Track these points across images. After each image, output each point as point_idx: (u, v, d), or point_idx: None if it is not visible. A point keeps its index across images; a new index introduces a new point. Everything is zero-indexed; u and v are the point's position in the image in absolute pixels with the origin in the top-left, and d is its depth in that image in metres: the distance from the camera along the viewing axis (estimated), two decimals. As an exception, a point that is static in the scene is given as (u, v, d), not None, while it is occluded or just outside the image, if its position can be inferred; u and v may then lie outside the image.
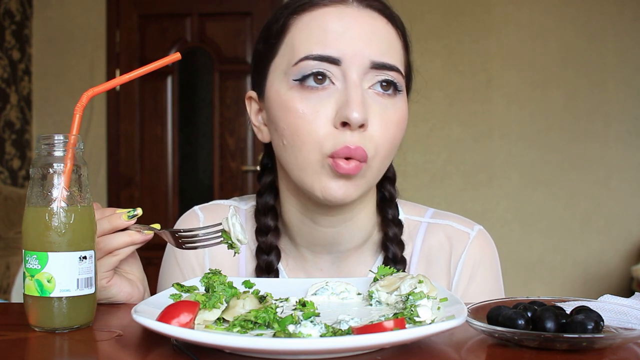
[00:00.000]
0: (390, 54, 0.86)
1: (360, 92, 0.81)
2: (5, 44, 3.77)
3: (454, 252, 0.95)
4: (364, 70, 0.83)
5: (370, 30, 0.85)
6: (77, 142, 0.71)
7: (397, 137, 0.86)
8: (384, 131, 0.83)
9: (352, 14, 0.85)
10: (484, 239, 0.97)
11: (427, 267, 0.95)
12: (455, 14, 3.73)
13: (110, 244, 0.78)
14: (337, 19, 0.84)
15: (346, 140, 0.80)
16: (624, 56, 3.66)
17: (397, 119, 0.85)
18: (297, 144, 0.83)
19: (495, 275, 0.97)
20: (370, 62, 0.83)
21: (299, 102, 0.83)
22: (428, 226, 0.98)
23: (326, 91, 0.83)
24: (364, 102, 0.81)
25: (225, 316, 0.67)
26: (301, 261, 0.95)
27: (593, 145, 3.67)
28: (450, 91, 3.69)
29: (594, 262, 3.68)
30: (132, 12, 3.94)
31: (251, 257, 0.97)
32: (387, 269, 0.79)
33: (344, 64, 0.82)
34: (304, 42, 0.84)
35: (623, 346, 0.60)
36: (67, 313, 0.69)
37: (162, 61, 0.80)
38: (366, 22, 0.85)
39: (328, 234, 0.92)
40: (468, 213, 1.06)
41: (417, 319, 0.65)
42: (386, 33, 0.86)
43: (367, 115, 0.81)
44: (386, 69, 0.84)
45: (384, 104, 0.84)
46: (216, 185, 3.89)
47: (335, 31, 0.83)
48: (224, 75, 3.89)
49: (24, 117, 3.94)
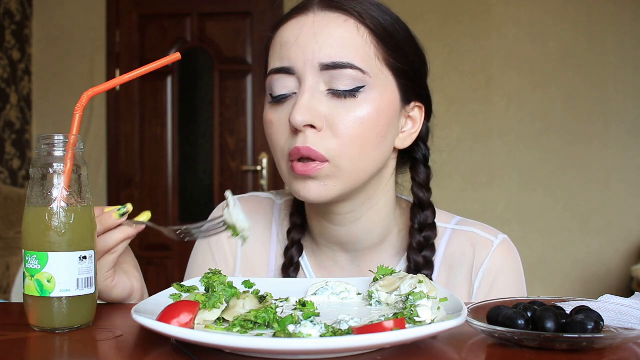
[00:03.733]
0: (344, 52, 0.85)
1: (307, 96, 0.84)
2: (5, 44, 3.77)
3: (477, 259, 0.95)
4: (316, 73, 0.85)
5: (320, 33, 0.85)
6: (77, 142, 0.71)
7: (367, 136, 0.85)
8: (346, 131, 0.84)
9: (307, 21, 0.87)
10: (508, 248, 0.97)
11: (450, 272, 0.96)
12: (455, 14, 3.73)
13: (106, 244, 0.79)
14: (292, 30, 0.87)
15: (297, 142, 0.84)
16: (624, 56, 3.66)
17: (360, 117, 0.85)
18: (273, 153, 0.90)
19: (517, 283, 0.97)
20: (320, 65, 0.84)
21: (271, 114, 0.89)
22: (452, 232, 0.98)
23: (288, 100, 0.87)
24: (312, 105, 0.84)
25: (225, 316, 0.67)
26: (324, 259, 0.99)
27: (593, 145, 3.67)
28: (450, 91, 3.68)
29: (594, 262, 3.68)
30: (132, 12, 3.94)
31: (281, 254, 1.01)
32: (387, 269, 0.79)
33: (297, 71, 0.86)
34: (271, 59, 0.90)
35: (623, 346, 0.60)
36: (67, 313, 0.69)
37: (162, 61, 0.80)
38: (318, 25, 0.86)
39: (341, 232, 0.95)
40: (468, 213, 1.06)
41: (417, 319, 0.65)
42: (342, 31, 0.86)
43: (315, 117, 0.83)
44: (338, 68, 0.84)
45: (343, 104, 0.85)
46: (216, 185, 3.89)
47: (288, 42, 0.87)
48: (224, 75, 3.89)
49: (24, 117, 3.94)
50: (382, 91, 0.87)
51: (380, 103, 0.86)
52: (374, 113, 0.85)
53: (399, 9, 0.93)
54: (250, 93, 3.89)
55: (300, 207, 1.00)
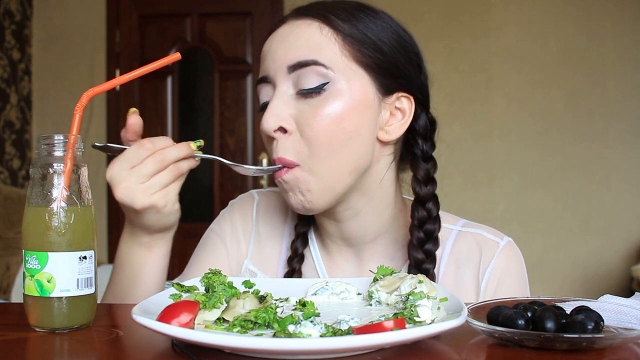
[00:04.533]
0: (306, 50, 0.86)
1: (276, 102, 0.87)
2: (5, 44, 3.77)
3: (483, 259, 0.96)
4: (284, 77, 0.88)
5: (287, 38, 0.89)
6: (77, 142, 0.71)
7: (333, 131, 0.85)
8: (313, 129, 0.85)
9: (282, 30, 0.91)
10: (513, 250, 0.99)
11: (456, 271, 0.97)
12: (455, 14, 3.73)
13: (181, 170, 0.86)
14: (269, 41, 0.92)
15: (272, 152, 0.89)
16: (624, 56, 3.66)
17: (327, 113, 0.85)
18: None
19: (522, 284, 0.98)
20: (287, 67, 0.87)
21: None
22: (459, 233, 1.00)
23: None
24: (279, 110, 0.87)
25: (225, 316, 0.67)
26: (332, 251, 1.01)
27: (593, 145, 3.67)
28: (450, 91, 3.69)
29: (594, 262, 3.68)
30: (132, 12, 3.94)
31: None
32: (387, 269, 0.79)
33: (272, 79, 0.90)
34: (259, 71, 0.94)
35: (623, 346, 0.60)
36: (67, 313, 0.69)
37: (162, 61, 0.80)
38: (286, 32, 0.90)
39: (341, 227, 0.97)
40: (468, 213, 1.06)
41: (417, 319, 0.65)
42: (306, 33, 0.88)
43: (283, 121, 0.86)
44: (301, 66, 0.86)
45: (309, 103, 0.86)
46: (216, 185, 3.89)
47: (264, 53, 0.92)
48: (224, 75, 3.89)
49: (24, 117, 3.94)
50: (349, 86, 0.87)
51: (348, 97, 0.86)
52: (339, 108, 0.86)
53: (399, 9, 0.93)
54: (250, 93, 3.89)
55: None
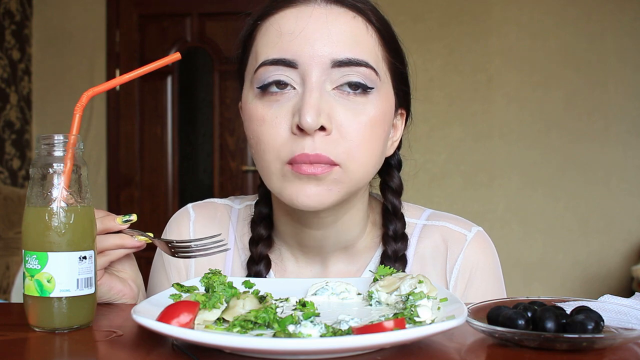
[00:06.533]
0: (358, 49, 0.80)
1: (316, 95, 0.77)
2: (5, 44, 3.77)
3: (450, 255, 0.91)
4: (324, 70, 0.79)
5: (331, 27, 0.79)
6: (77, 142, 0.71)
7: (374, 138, 0.81)
8: (354, 133, 0.79)
9: (311, 12, 0.80)
10: (482, 241, 0.93)
11: (422, 270, 0.92)
12: (455, 14, 3.73)
13: (100, 244, 0.77)
14: (293, 20, 0.80)
15: (304, 147, 0.77)
16: (624, 56, 3.66)
17: (370, 119, 0.80)
18: (260, 152, 0.82)
19: (495, 278, 0.93)
20: (331, 61, 0.79)
21: (261, 109, 0.81)
22: (423, 228, 0.94)
23: (285, 96, 0.80)
24: (322, 105, 0.78)
25: (225, 316, 0.67)
26: (293, 264, 0.94)
27: (593, 145, 3.67)
28: (450, 91, 3.68)
29: (594, 262, 3.68)
30: (132, 12, 3.94)
31: (240, 267, 0.95)
32: (387, 269, 0.79)
33: (301, 66, 0.79)
34: (263, 48, 0.82)
35: (623, 346, 0.60)
36: (67, 313, 0.69)
37: (162, 61, 0.80)
38: (327, 19, 0.80)
39: (317, 236, 0.90)
40: (468, 213, 1.06)
41: (417, 319, 0.65)
42: (353, 28, 0.81)
43: (325, 119, 0.77)
44: (352, 65, 0.79)
45: (352, 104, 0.80)
46: (216, 185, 3.89)
47: (290, 33, 0.80)
48: (224, 75, 3.89)
49: (24, 117, 3.94)
50: (385, 94, 0.83)
51: (384, 106, 0.83)
52: (380, 116, 0.81)
53: (399, 9, 0.93)
54: (250, 93, 3.89)
55: (265, 215, 0.94)
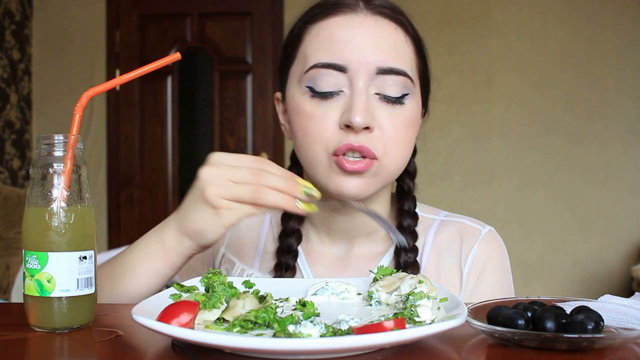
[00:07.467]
0: (398, 58, 0.89)
1: (364, 98, 0.86)
2: (5, 44, 3.77)
3: (465, 246, 0.99)
4: (370, 76, 0.88)
5: (377, 37, 0.89)
6: (77, 142, 0.71)
7: (408, 137, 0.91)
8: (392, 132, 0.88)
9: (359, 21, 0.89)
10: (494, 237, 1.01)
11: (439, 259, 0.99)
12: (455, 15, 3.73)
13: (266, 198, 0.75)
14: (344, 28, 0.89)
15: (350, 140, 0.86)
16: (623, 57, 3.66)
17: (405, 121, 0.90)
18: (306, 144, 0.90)
19: (505, 270, 1.00)
20: (377, 69, 0.87)
21: (309, 106, 0.89)
22: (441, 223, 1.03)
23: (334, 97, 0.88)
24: (368, 107, 0.86)
25: (225, 316, 0.67)
26: (318, 244, 1.02)
27: (593, 145, 3.67)
28: (450, 92, 3.68)
29: (594, 262, 3.68)
30: (132, 12, 3.94)
31: (272, 239, 1.04)
32: (387, 269, 0.79)
33: (350, 71, 0.87)
34: (314, 51, 0.90)
35: (623, 346, 0.60)
36: (67, 313, 0.69)
37: (162, 61, 0.80)
38: (373, 29, 0.89)
39: (344, 221, 0.99)
40: (468, 213, 1.07)
41: (417, 319, 0.65)
42: (394, 39, 0.90)
43: (370, 120, 0.86)
44: (393, 73, 0.88)
45: (391, 108, 0.89)
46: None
47: (342, 40, 0.88)
48: (224, 75, 3.89)
49: (24, 117, 3.94)
50: (417, 98, 0.93)
51: (416, 108, 0.92)
52: (413, 119, 0.92)
53: (399, 9, 0.94)
54: (250, 93, 3.89)
55: None
